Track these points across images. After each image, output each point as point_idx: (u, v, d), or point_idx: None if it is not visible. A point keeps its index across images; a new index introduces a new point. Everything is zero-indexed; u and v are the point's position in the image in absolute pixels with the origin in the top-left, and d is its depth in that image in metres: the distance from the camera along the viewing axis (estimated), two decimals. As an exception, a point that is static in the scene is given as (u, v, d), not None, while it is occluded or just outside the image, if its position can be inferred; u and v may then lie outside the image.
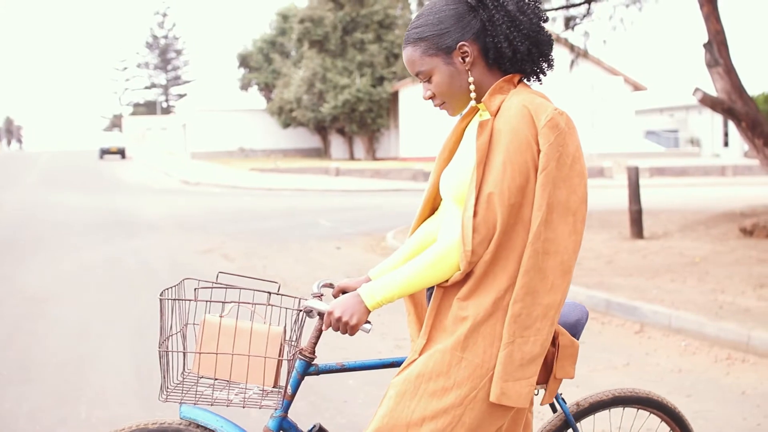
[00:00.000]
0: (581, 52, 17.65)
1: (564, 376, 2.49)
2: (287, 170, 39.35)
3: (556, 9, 16.03)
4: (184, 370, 2.65)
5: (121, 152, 56.38)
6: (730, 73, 12.31)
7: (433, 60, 2.40)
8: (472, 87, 2.41)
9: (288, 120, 50.66)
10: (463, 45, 2.37)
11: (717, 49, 12.32)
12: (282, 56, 55.56)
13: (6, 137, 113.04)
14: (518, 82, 2.43)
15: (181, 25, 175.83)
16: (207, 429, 2.58)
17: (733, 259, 10.10)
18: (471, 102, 2.46)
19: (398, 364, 2.64)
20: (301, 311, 2.54)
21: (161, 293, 2.53)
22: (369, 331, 2.42)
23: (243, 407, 2.55)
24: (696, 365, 6.20)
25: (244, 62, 58.92)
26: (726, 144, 49.62)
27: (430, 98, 2.48)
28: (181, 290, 2.59)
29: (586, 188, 2.34)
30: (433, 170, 2.62)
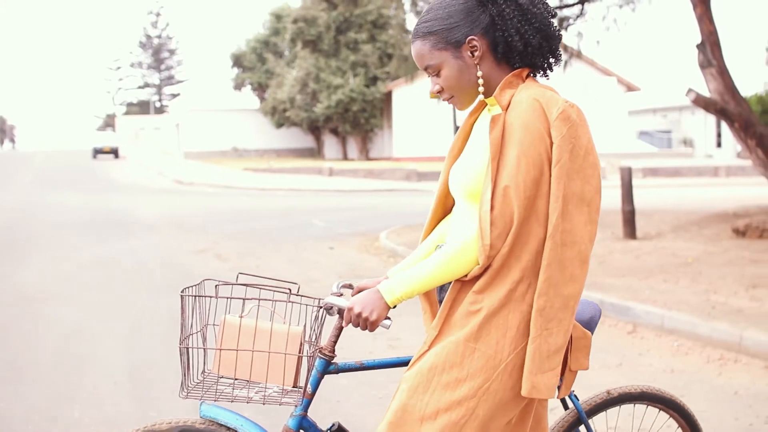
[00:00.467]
0: (575, 53, 17.66)
1: (579, 368, 2.51)
2: (281, 170, 39.32)
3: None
4: (204, 370, 2.67)
5: (115, 152, 56.20)
6: (723, 74, 12.33)
7: (442, 54, 2.42)
8: (481, 81, 2.43)
9: (281, 120, 50.60)
10: (473, 39, 2.39)
11: (710, 50, 12.35)
12: (275, 56, 55.50)
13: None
14: (526, 77, 2.46)
15: (175, 25, 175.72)
16: (227, 427, 2.59)
17: (726, 260, 10.13)
18: (479, 96, 2.48)
19: None
20: (321, 308, 2.56)
21: (182, 290, 2.56)
22: (389, 327, 2.44)
23: (263, 404, 2.57)
24: (688, 365, 6.22)
25: (238, 62, 58.82)
26: (719, 145, 49.70)
27: (439, 92, 2.50)
28: (202, 290, 2.61)
29: (600, 179, 2.38)
30: (443, 169, 2.63)
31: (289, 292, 2.63)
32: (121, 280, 10.24)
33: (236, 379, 2.62)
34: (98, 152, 55.79)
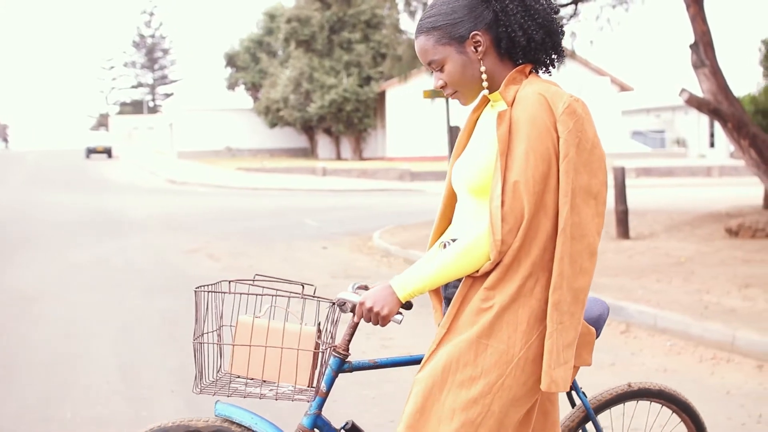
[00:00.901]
0: (568, 53, 17.62)
1: (581, 364, 2.52)
2: (274, 170, 39.29)
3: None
4: (220, 370, 2.68)
5: (108, 151, 56.05)
6: (716, 74, 12.35)
7: (446, 49, 2.44)
8: (484, 76, 2.44)
9: (275, 120, 50.56)
10: (476, 34, 2.41)
11: (703, 50, 12.37)
12: (269, 56, 55.46)
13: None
14: (529, 73, 2.47)
15: (168, 25, 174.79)
16: (242, 426, 2.59)
17: (719, 260, 10.14)
18: (483, 91, 2.49)
19: None
20: (334, 304, 2.57)
21: (197, 287, 2.59)
22: (400, 322, 2.45)
23: (275, 399, 2.57)
24: (681, 365, 6.23)
25: (231, 62, 58.79)
26: (712, 145, 49.78)
27: (442, 87, 2.51)
28: (218, 291, 2.63)
29: (606, 172, 2.40)
30: (449, 169, 2.64)
31: (303, 288, 2.65)
32: (114, 280, 10.22)
33: (251, 379, 2.63)
34: (91, 152, 55.64)
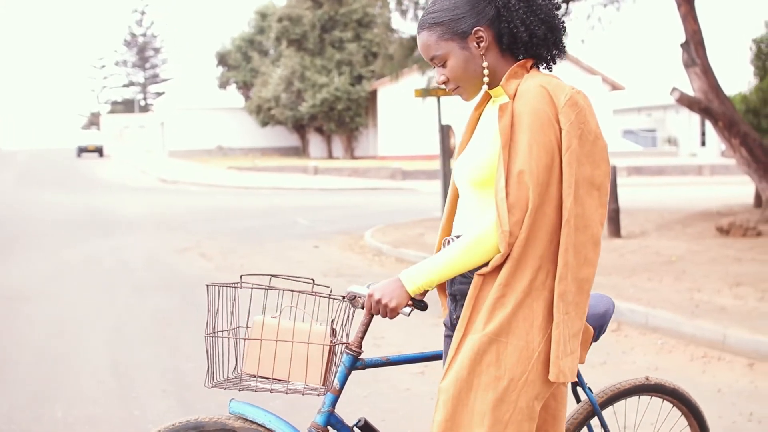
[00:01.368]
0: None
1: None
2: (265, 169, 39.25)
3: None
4: (235, 368, 2.68)
5: (99, 150, 55.91)
6: (707, 73, 12.38)
7: (449, 44, 2.45)
8: (486, 72, 2.45)
9: (266, 118, 50.52)
10: (479, 30, 2.42)
11: (694, 49, 12.39)
12: (260, 55, 55.39)
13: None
14: (530, 68, 2.48)
15: (160, 23, 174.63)
16: (255, 424, 2.59)
17: (710, 258, 10.17)
18: (484, 87, 2.49)
19: (440, 357, 2.70)
20: (345, 298, 2.59)
21: (210, 283, 2.60)
22: (409, 315, 2.46)
23: (286, 394, 2.59)
24: (672, 363, 6.24)
25: (223, 60, 58.71)
26: (703, 143, 49.91)
27: (444, 83, 2.52)
28: (236, 290, 2.63)
29: (609, 162, 2.42)
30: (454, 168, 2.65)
31: (313, 285, 2.65)
32: (105, 279, 10.19)
33: (265, 378, 2.64)
34: (83, 151, 55.51)
